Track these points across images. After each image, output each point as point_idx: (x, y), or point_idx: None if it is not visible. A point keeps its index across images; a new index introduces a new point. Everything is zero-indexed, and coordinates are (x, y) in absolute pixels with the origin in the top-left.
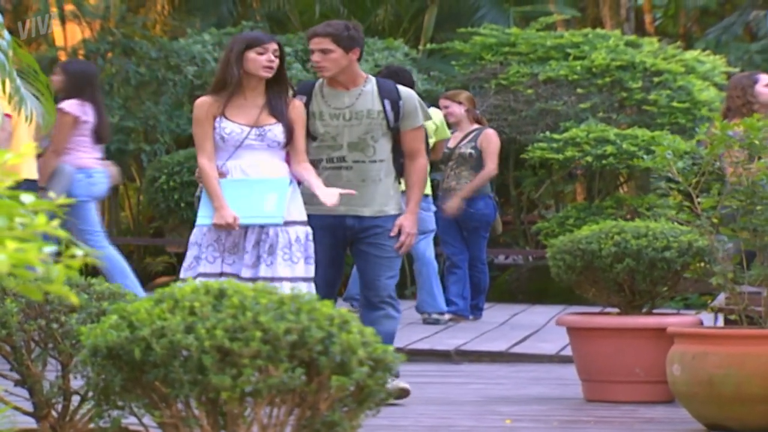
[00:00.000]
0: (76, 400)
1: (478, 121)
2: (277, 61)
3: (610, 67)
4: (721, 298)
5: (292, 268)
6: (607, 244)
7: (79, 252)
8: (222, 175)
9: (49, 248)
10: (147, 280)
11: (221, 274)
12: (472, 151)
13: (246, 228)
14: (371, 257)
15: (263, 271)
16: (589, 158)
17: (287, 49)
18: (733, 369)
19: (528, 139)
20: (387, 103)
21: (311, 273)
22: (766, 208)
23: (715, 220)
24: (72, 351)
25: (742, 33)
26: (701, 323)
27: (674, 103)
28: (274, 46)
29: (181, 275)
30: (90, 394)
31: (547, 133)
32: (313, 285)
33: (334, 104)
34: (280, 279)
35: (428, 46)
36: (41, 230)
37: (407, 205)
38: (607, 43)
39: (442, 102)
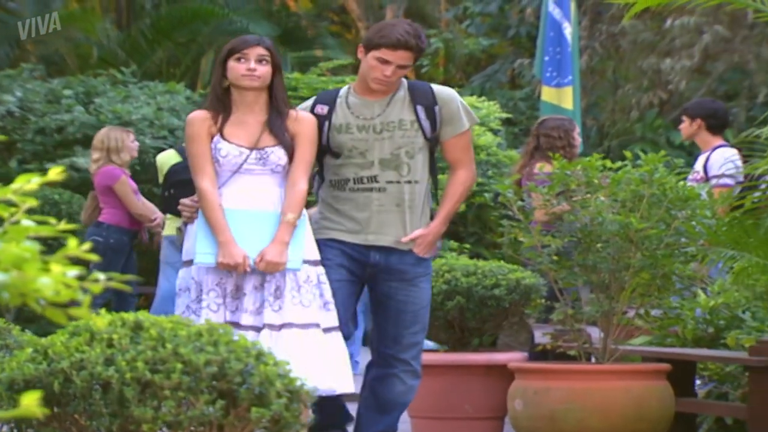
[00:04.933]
0: None
1: None
2: (263, 68)
3: None
4: (542, 334)
5: (304, 313)
6: (437, 281)
7: (101, 276)
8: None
9: (73, 272)
10: None
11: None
12: None
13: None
14: (396, 313)
15: (268, 317)
16: None
17: (67, 92)
18: (575, 404)
19: None
20: (420, 110)
21: (334, 321)
22: (606, 246)
23: (555, 258)
24: None
25: (506, 81)
26: (528, 359)
27: None
28: (259, 50)
29: None
30: (4, 428)
31: None
32: (340, 335)
33: (363, 114)
34: (290, 325)
35: (208, 89)
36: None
37: (436, 215)
38: None
39: None
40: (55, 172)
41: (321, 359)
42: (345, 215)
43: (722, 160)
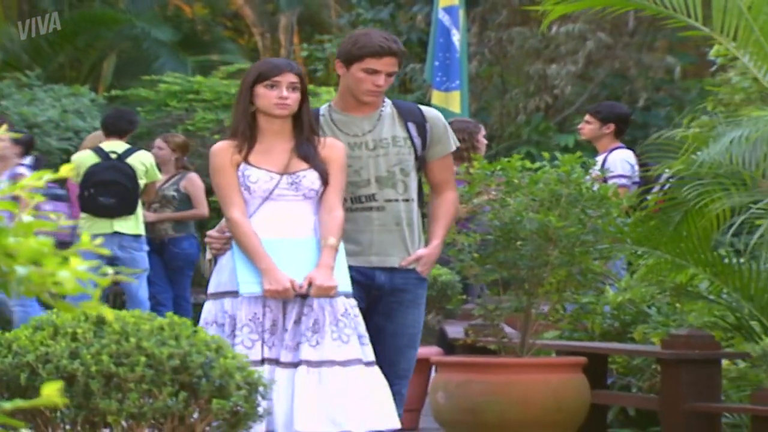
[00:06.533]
0: None
1: (184, 167)
2: (293, 95)
3: None
4: (459, 330)
5: (343, 350)
6: None
7: (109, 270)
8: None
9: (85, 266)
10: None
11: (263, 362)
12: (175, 194)
13: (285, 302)
14: (393, 336)
15: (306, 352)
16: None
17: None
18: (496, 397)
19: None
20: (412, 127)
21: (371, 355)
22: (525, 244)
23: (476, 255)
24: None
25: (397, 84)
26: (444, 353)
27: None
28: (290, 77)
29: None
30: None
31: None
32: (378, 369)
33: (353, 131)
34: (331, 363)
35: (113, 92)
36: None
37: (431, 238)
38: None
39: (158, 143)
40: (67, 169)
41: (365, 397)
42: (345, 237)
43: (620, 161)
